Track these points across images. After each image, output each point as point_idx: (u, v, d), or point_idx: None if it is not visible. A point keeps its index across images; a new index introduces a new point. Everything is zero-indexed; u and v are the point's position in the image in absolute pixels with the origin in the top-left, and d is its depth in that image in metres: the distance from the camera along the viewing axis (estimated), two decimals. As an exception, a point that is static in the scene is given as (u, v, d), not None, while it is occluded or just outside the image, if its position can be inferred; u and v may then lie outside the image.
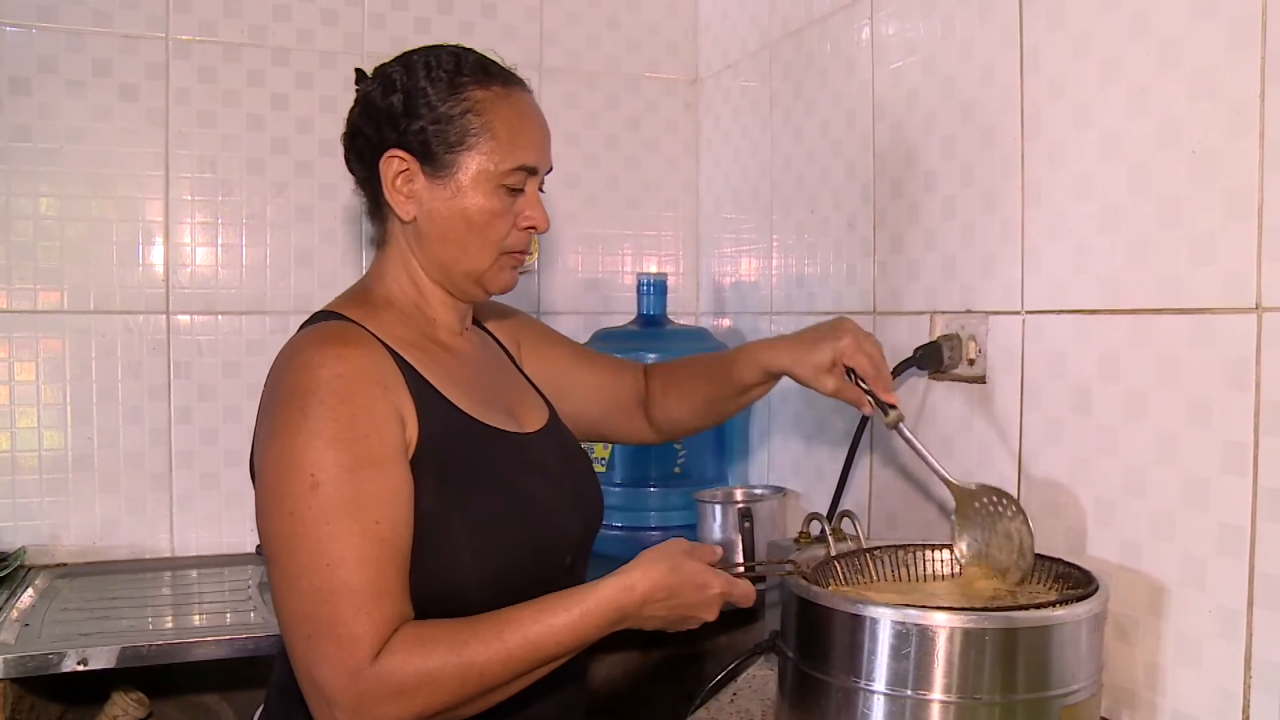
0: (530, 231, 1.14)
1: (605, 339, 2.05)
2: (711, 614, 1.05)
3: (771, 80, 1.98)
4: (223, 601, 1.74)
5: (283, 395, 0.99)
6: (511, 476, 1.10)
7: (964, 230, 1.43)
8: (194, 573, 1.90)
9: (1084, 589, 1.06)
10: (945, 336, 1.45)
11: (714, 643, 1.81)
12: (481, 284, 1.15)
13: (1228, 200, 1.04)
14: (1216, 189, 1.05)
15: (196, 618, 1.67)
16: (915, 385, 1.52)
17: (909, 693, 0.99)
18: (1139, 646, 1.15)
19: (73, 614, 1.63)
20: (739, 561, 1.58)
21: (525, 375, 1.30)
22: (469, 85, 1.09)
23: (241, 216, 2.02)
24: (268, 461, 0.98)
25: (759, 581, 1.18)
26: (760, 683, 1.40)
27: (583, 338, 2.09)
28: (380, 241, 1.17)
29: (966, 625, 0.97)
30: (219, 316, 2.01)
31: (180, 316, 1.99)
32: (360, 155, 1.14)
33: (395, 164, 1.10)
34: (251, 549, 1.99)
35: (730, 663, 1.34)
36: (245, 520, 1.99)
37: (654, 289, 2.07)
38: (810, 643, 1.06)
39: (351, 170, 1.17)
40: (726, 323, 2.21)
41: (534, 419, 1.21)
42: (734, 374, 1.33)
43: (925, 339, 1.48)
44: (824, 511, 1.56)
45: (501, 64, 1.15)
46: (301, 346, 1.02)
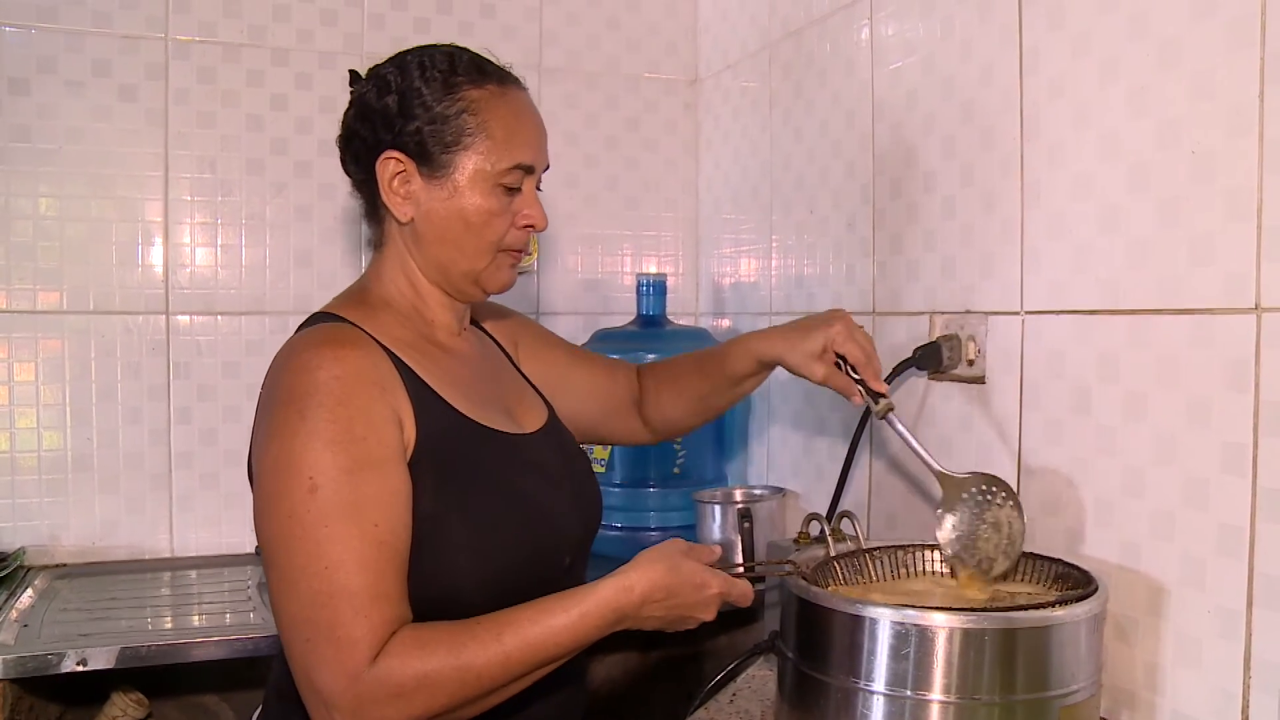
0: (529, 230, 1.14)
1: (605, 339, 2.05)
2: (710, 614, 1.05)
3: (771, 80, 1.98)
4: (222, 602, 1.74)
5: (281, 397, 0.99)
6: (510, 477, 1.10)
7: (963, 230, 1.43)
8: (193, 573, 1.90)
9: (1083, 589, 1.06)
10: (945, 337, 1.44)
11: (713, 643, 1.81)
12: (480, 284, 1.15)
13: (1227, 200, 1.04)
14: (1216, 189, 1.05)
15: (196, 618, 1.67)
16: (915, 385, 1.52)
17: (908, 693, 0.98)
18: (1138, 647, 1.15)
19: (72, 614, 1.62)
20: (738, 562, 1.58)
21: (524, 375, 1.30)
22: (464, 85, 1.09)
23: (241, 217, 2.02)
24: (266, 464, 0.98)
25: (758, 582, 1.18)
26: (760, 683, 1.40)
27: (582, 338, 2.09)
28: (377, 243, 1.17)
29: (966, 625, 0.97)
30: (218, 317, 2.01)
31: (180, 317, 1.99)
32: (356, 157, 1.13)
33: (391, 165, 1.09)
34: (251, 549, 1.99)
35: (730, 663, 1.35)
36: (245, 521, 1.99)
37: (653, 289, 2.07)
38: (809, 643, 1.06)
39: (348, 172, 1.16)
40: (726, 323, 2.21)
41: (533, 419, 1.21)
42: (727, 366, 1.33)
43: (925, 339, 1.48)
44: (823, 512, 1.56)
45: (496, 62, 1.14)
46: (299, 348, 1.02)
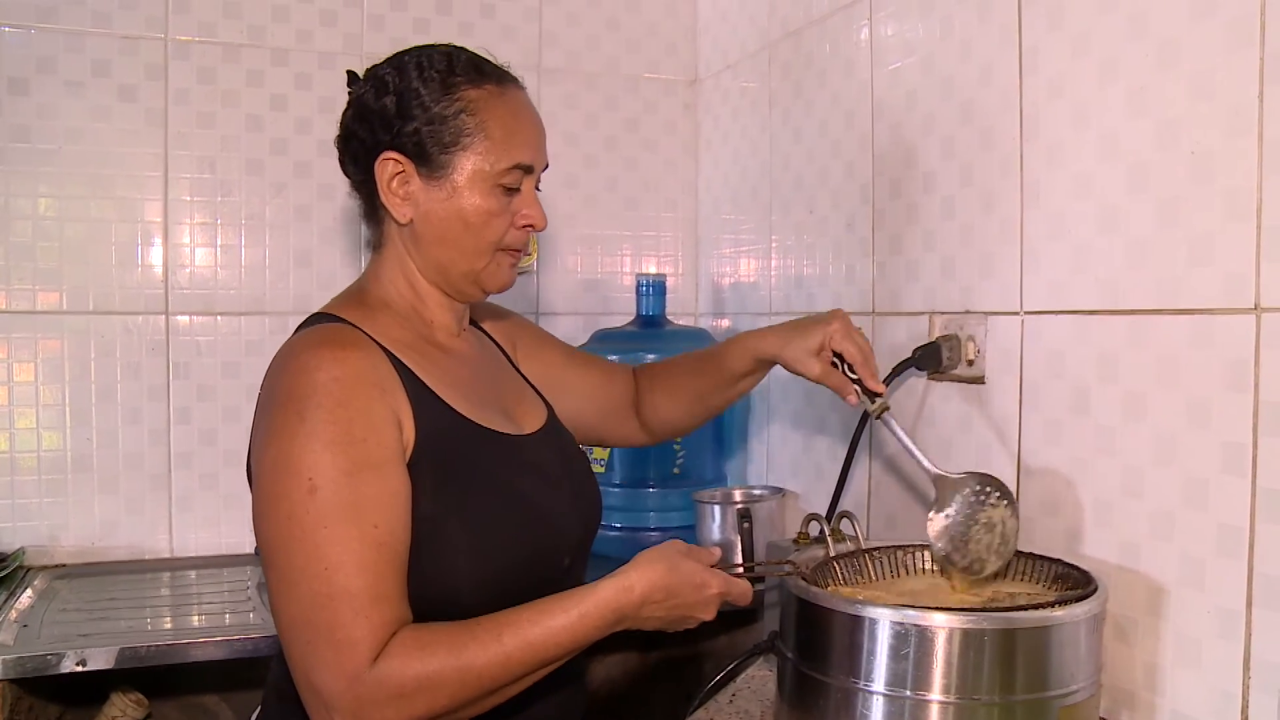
0: (528, 230, 1.14)
1: (604, 340, 2.05)
2: (710, 614, 1.05)
3: (770, 81, 1.98)
4: (221, 602, 1.74)
5: (280, 398, 0.99)
6: (509, 478, 1.10)
7: (963, 231, 1.43)
8: (193, 573, 1.90)
9: (1083, 589, 1.06)
10: (944, 337, 1.44)
11: (713, 643, 1.81)
12: (479, 284, 1.14)
13: (1226, 201, 1.04)
14: (1215, 189, 1.05)
15: (195, 618, 1.67)
16: (914, 386, 1.52)
17: (908, 693, 0.98)
18: (1138, 647, 1.15)
19: (71, 615, 1.62)
20: (738, 562, 1.57)
21: (523, 376, 1.30)
22: (462, 85, 1.09)
23: (240, 217, 2.02)
24: (265, 465, 0.98)
25: (758, 582, 1.18)
26: (759, 683, 1.40)
27: (582, 338, 2.09)
28: (376, 243, 1.17)
29: (965, 626, 0.97)
30: (218, 317, 2.01)
31: (179, 317, 1.99)
32: (355, 158, 1.13)
33: (390, 166, 1.09)
34: (250, 550, 1.99)
35: (729, 663, 1.35)
36: (244, 521, 1.98)
37: (653, 290, 2.06)
38: (809, 643, 1.06)
39: (346, 173, 1.16)
40: (726, 323, 2.21)
41: (532, 420, 1.21)
42: (725, 364, 1.33)
43: (924, 339, 1.48)
44: (823, 512, 1.56)
45: (494, 62, 1.14)
46: (298, 349, 1.02)
